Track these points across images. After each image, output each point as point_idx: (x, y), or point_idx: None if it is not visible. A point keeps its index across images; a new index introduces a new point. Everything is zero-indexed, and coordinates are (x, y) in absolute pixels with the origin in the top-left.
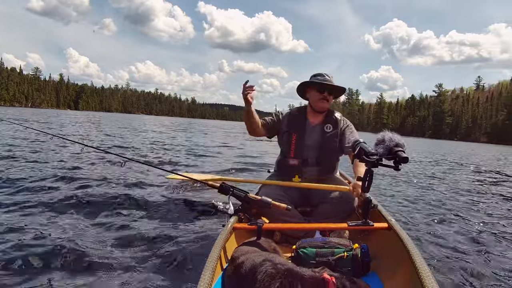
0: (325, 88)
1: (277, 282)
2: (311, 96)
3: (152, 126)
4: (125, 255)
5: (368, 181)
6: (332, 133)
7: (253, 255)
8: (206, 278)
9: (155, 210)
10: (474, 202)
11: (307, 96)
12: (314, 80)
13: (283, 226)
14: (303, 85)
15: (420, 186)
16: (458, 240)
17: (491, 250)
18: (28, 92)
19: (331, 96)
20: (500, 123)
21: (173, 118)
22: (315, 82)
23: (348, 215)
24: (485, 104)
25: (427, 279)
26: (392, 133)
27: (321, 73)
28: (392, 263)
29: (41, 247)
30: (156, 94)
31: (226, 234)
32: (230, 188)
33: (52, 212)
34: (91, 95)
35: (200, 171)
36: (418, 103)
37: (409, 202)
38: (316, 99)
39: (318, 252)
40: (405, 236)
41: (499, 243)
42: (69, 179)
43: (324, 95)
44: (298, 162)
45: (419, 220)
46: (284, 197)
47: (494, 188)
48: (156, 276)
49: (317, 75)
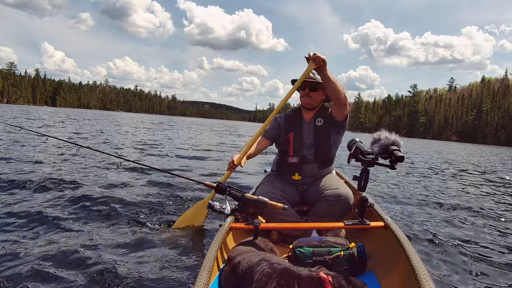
0: (305, 85)
1: (273, 282)
2: (300, 95)
3: (139, 124)
4: (120, 255)
5: (364, 180)
6: (323, 124)
7: (249, 255)
8: (203, 278)
9: (151, 210)
10: (470, 200)
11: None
12: (295, 78)
13: (280, 225)
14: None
15: (417, 185)
16: (454, 238)
17: (487, 248)
18: (3, 87)
19: (314, 92)
20: (470, 123)
21: (153, 115)
22: (295, 80)
23: (344, 214)
24: (456, 104)
25: (423, 277)
26: (389, 132)
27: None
28: (389, 261)
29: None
30: (136, 91)
31: (223, 234)
32: (227, 188)
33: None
34: (68, 91)
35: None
36: (394, 103)
37: (406, 201)
38: (300, 96)
39: (315, 251)
40: (401, 234)
41: (494, 241)
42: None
43: (305, 91)
44: (298, 160)
45: (415, 218)
46: (281, 197)
47: (490, 187)
48: (153, 276)
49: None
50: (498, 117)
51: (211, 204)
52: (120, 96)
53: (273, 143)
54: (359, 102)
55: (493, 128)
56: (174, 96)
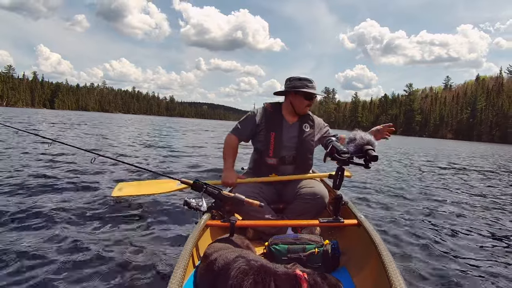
0: (313, 96)
1: (250, 279)
2: (297, 101)
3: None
4: (93, 254)
5: (339, 179)
6: (310, 132)
7: (226, 252)
8: (178, 275)
9: (126, 207)
10: (442, 200)
11: (290, 98)
12: (304, 88)
13: (256, 223)
14: (293, 90)
15: (391, 183)
16: (425, 236)
17: (456, 246)
18: (3, 91)
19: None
20: (465, 121)
21: (152, 116)
22: (303, 91)
23: (319, 212)
24: (451, 103)
25: (393, 273)
26: (363, 131)
27: (308, 78)
28: (361, 258)
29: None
30: (133, 92)
31: (199, 231)
32: (204, 185)
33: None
34: (67, 93)
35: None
36: (391, 102)
37: (380, 199)
38: (303, 106)
39: (290, 248)
40: (374, 232)
41: (465, 238)
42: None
43: (310, 102)
44: (276, 161)
45: (389, 216)
46: (258, 195)
47: (463, 184)
48: (127, 274)
49: (304, 80)
50: (492, 115)
51: (187, 201)
52: (118, 97)
53: (248, 141)
54: (356, 101)
55: (488, 125)
56: (172, 97)
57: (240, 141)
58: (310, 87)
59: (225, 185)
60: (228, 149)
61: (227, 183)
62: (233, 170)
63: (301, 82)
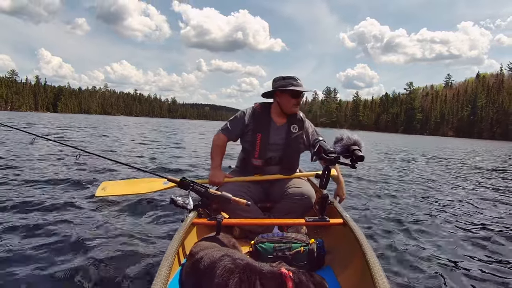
0: (299, 94)
1: (235, 277)
2: (283, 100)
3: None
4: (76, 251)
5: (326, 178)
6: (298, 133)
7: (212, 251)
8: (163, 274)
9: (112, 205)
10: (427, 199)
11: (277, 99)
12: (289, 86)
13: (242, 221)
14: (278, 90)
15: (377, 183)
16: (409, 236)
17: (442, 244)
18: (7, 95)
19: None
20: (465, 118)
21: (155, 119)
22: (289, 89)
23: (306, 211)
24: (452, 100)
25: (377, 272)
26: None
27: (292, 76)
28: (346, 257)
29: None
30: (135, 95)
31: (185, 230)
32: (190, 183)
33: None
34: (69, 97)
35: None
36: (392, 101)
37: (365, 198)
38: (291, 105)
39: (276, 247)
40: (359, 231)
41: (451, 236)
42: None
43: (298, 100)
44: (262, 162)
45: (374, 215)
46: (245, 193)
47: (453, 181)
48: (111, 272)
49: (288, 79)
50: (492, 112)
51: (173, 199)
52: (120, 100)
53: (237, 140)
54: (357, 100)
55: (488, 123)
56: (174, 99)
57: (229, 141)
58: (295, 85)
59: (212, 184)
60: (216, 148)
61: (214, 182)
62: (220, 169)
63: (286, 81)
